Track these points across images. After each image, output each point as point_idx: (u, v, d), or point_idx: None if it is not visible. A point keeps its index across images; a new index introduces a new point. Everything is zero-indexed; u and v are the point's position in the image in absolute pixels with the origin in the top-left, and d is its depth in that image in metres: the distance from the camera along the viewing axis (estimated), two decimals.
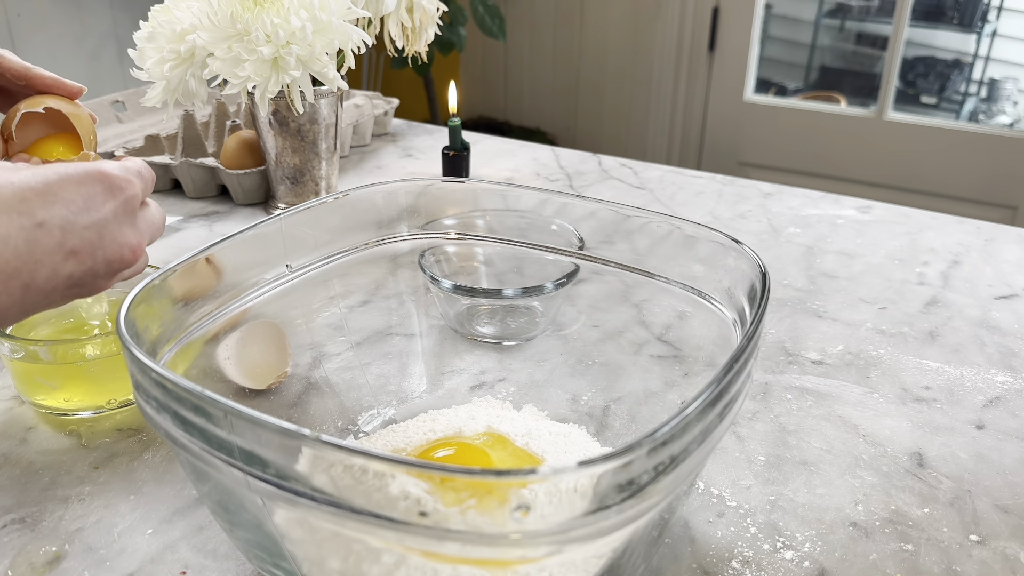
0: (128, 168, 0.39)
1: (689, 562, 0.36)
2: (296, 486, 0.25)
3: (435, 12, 0.74)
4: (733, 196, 0.82)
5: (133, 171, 0.39)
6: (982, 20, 2.14)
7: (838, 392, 0.50)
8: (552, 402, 0.45)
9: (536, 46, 2.33)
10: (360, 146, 0.96)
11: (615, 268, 0.43)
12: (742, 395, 0.31)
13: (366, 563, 0.28)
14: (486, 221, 0.47)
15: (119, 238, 0.37)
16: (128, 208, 0.38)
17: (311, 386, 0.44)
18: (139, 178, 0.39)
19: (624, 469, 0.24)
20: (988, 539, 0.38)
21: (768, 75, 2.25)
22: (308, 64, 0.60)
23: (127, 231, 0.38)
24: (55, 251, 0.34)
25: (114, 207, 0.37)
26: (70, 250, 0.35)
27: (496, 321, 0.52)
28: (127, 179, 0.38)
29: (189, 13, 0.61)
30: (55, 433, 0.44)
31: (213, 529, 0.38)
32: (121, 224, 0.37)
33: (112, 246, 0.37)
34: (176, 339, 0.36)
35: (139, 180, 0.39)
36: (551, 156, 0.94)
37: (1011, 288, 0.63)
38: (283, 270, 0.42)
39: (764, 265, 0.35)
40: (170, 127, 0.89)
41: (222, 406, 0.26)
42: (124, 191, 0.37)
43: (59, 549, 0.37)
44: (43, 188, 0.34)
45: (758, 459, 0.43)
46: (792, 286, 0.63)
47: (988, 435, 0.46)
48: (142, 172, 0.40)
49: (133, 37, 0.64)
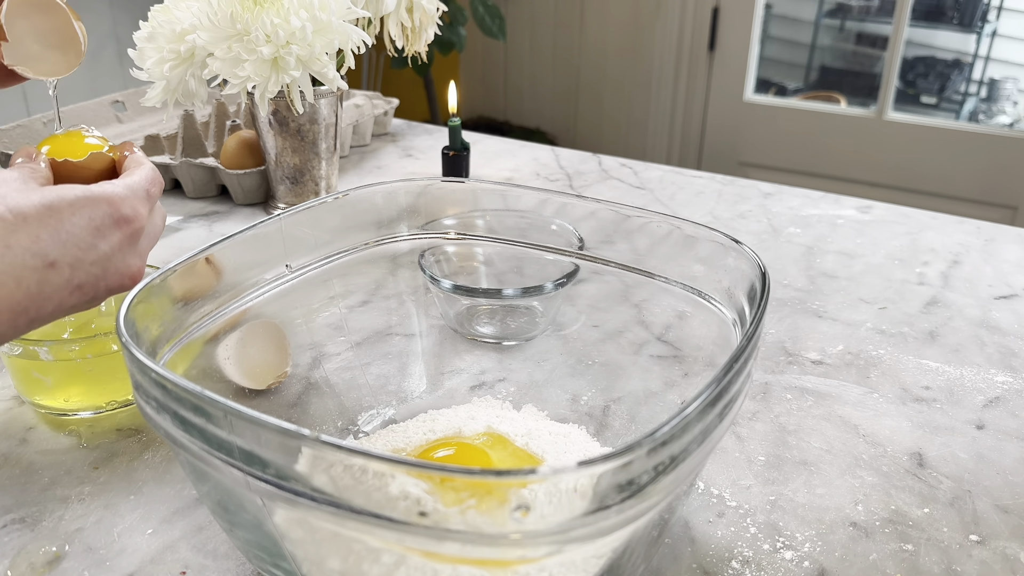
0: (136, 191, 0.39)
1: (689, 562, 0.36)
2: (296, 486, 0.25)
3: (435, 12, 0.74)
4: (733, 196, 0.82)
5: (141, 193, 0.39)
6: (982, 20, 2.14)
7: (838, 392, 0.49)
8: (552, 402, 0.45)
9: (536, 46, 2.32)
10: (360, 146, 0.96)
11: (615, 268, 0.43)
12: (742, 395, 0.31)
13: (366, 563, 0.28)
14: (486, 221, 0.47)
15: (122, 268, 0.38)
16: (132, 239, 0.39)
17: (311, 386, 0.44)
18: (146, 201, 0.40)
19: (624, 469, 0.24)
20: (988, 539, 0.38)
21: (768, 75, 2.25)
22: (308, 64, 0.60)
23: (130, 260, 0.39)
24: (63, 287, 0.36)
25: (120, 239, 0.38)
26: (76, 285, 0.36)
27: (496, 321, 0.52)
28: (134, 209, 0.38)
29: (189, 13, 0.61)
30: (55, 433, 0.44)
31: (213, 529, 0.38)
32: (124, 255, 0.38)
33: (115, 277, 0.38)
34: (176, 339, 0.36)
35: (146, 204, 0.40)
36: (551, 156, 0.94)
37: (1011, 288, 0.63)
38: (283, 270, 0.42)
39: (764, 265, 0.35)
40: (170, 127, 0.89)
41: (222, 406, 0.26)
42: (131, 224, 0.38)
43: (59, 549, 0.37)
44: (55, 224, 0.35)
45: (758, 459, 0.43)
46: (792, 286, 0.63)
47: (988, 435, 0.46)
48: (150, 192, 0.40)
49: (133, 37, 0.64)
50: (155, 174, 0.41)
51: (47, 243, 0.35)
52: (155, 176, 0.41)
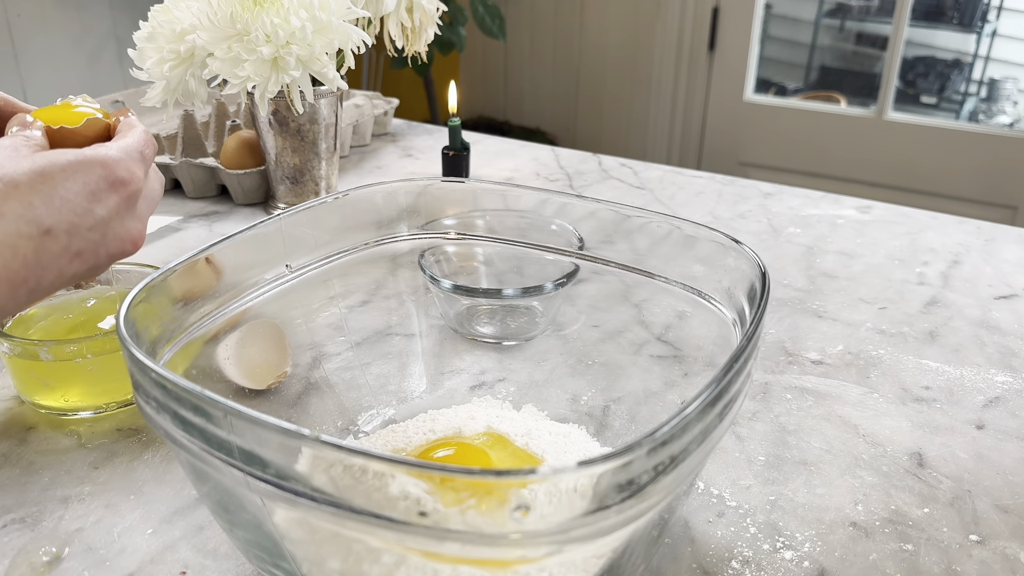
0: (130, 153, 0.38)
1: (689, 562, 0.36)
2: (296, 486, 0.25)
3: (435, 12, 0.74)
4: (733, 196, 0.82)
5: (135, 155, 0.38)
6: (982, 20, 2.15)
7: (838, 392, 0.50)
8: (552, 402, 0.45)
9: (536, 46, 2.33)
10: (360, 146, 0.96)
11: (615, 268, 0.43)
12: (742, 395, 0.31)
13: (366, 563, 0.28)
14: (486, 221, 0.47)
15: (121, 233, 0.37)
16: (130, 202, 0.37)
17: (311, 386, 0.44)
18: (141, 163, 0.38)
19: (624, 469, 0.24)
20: (988, 539, 0.38)
21: (768, 75, 2.25)
22: (308, 64, 0.60)
23: (129, 224, 0.37)
24: (61, 255, 0.35)
25: (116, 203, 0.37)
26: (75, 252, 0.35)
27: (496, 321, 0.52)
28: (129, 171, 0.37)
29: (189, 13, 0.61)
30: (55, 433, 0.44)
31: (213, 529, 0.38)
32: (123, 219, 0.37)
33: (115, 242, 0.37)
34: (176, 339, 0.36)
35: (141, 166, 0.38)
36: (551, 156, 0.94)
37: (1011, 288, 0.63)
38: (283, 270, 0.42)
39: (764, 265, 0.35)
40: (170, 127, 0.89)
41: (222, 406, 0.26)
42: (127, 186, 0.37)
43: (59, 549, 0.37)
44: (48, 190, 0.34)
45: (758, 459, 0.43)
46: (792, 286, 0.63)
47: (988, 435, 0.46)
48: (144, 153, 0.39)
49: (133, 37, 0.64)
50: (148, 136, 0.40)
51: (41, 210, 0.34)
52: (148, 138, 0.40)
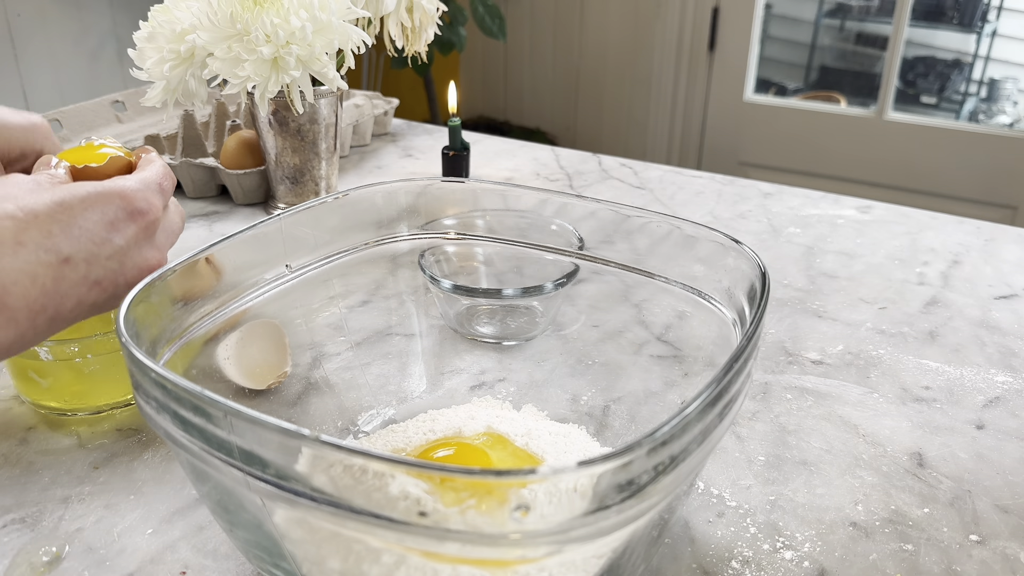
0: (148, 184, 0.39)
1: (689, 562, 0.36)
2: (296, 486, 0.25)
3: (435, 12, 0.74)
4: (733, 196, 0.82)
5: (153, 187, 0.39)
6: (982, 20, 2.15)
7: (838, 392, 0.50)
8: (552, 402, 0.45)
9: (536, 46, 2.33)
10: (360, 146, 0.96)
11: (615, 268, 0.43)
12: (742, 395, 0.31)
13: (366, 563, 0.28)
14: (486, 221, 0.47)
15: (140, 262, 0.38)
16: (148, 232, 0.38)
17: (311, 386, 0.44)
18: (160, 195, 0.39)
19: (624, 469, 0.24)
20: (988, 539, 0.38)
21: (768, 75, 2.25)
22: (308, 64, 0.60)
23: (147, 253, 0.38)
24: (80, 283, 0.35)
25: (135, 232, 0.38)
26: (94, 281, 0.36)
27: (496, 321, 0.52)
28: (148, 202, 0.38)
29: (189, 13, 0.61)
30: (55, 433, 0.44)
31: (213, 529, 0.38)
32: (141, 248, 0.38)
33: (133, 271, 0.38)
34: (176, 339, 0.36)
35: (160, 198, 0.39)
36: (551, 156, 0.94)
37: (1011, 288, 0.63)
38: (283, 270, 0.42)
39: (764, 265, 0.35)
40: (170, 127, 0.89)
41: (222, 406, 0.26)
42: (145, 216, 0.38)
43: (59, 549, 0.37)
44: (67, 220, 0.35)
45: (758, 459, 0.43)
46: (792, 286, 0.63)
47: (988, 435, 0.46)
48: (163, 185, 0.40)
49: (133, 37, 0.64)
50: (167, 170, 0.41)
51: (60, 238, 0.34)
52: (167, 171, 0.41)
